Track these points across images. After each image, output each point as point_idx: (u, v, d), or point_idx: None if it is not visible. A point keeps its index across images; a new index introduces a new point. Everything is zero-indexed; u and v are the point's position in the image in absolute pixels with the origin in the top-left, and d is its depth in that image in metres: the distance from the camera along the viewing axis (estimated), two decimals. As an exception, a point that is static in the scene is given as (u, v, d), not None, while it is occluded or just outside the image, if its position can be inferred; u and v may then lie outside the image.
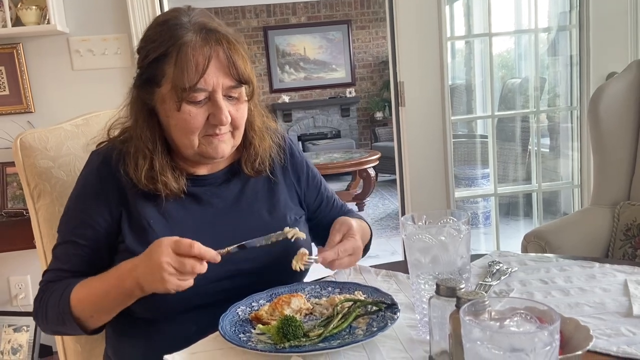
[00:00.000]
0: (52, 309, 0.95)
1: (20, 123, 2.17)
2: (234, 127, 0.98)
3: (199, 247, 0.82)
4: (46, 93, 2.25)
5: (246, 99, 0.98)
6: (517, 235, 3.52)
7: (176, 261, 0.81)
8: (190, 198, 1.01)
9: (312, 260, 0.93)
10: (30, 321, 2.16)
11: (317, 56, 7.36)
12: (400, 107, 2.35)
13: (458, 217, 0.79)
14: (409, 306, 0.88)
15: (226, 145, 0.98)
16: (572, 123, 2.53)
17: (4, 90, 2.22)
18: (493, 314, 0.57)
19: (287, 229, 0.91)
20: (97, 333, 0.99)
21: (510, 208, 3.97)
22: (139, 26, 2.20)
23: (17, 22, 2.13)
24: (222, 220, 1.01)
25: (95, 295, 0.91)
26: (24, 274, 2.34)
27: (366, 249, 1.13)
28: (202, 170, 1.04)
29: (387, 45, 2.37)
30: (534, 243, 1.54)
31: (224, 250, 0.85)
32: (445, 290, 0.66)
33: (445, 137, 2.30)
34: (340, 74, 7.43)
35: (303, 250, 0.94)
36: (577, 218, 1.75)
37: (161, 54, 0.92)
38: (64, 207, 1.04)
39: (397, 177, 2.48)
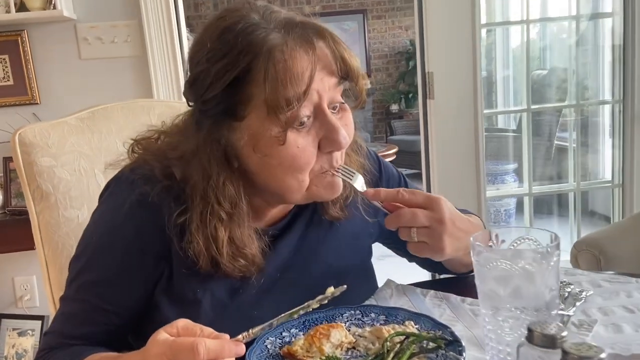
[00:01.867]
0: None
1: (25, 115, 2.05)
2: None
3: (205, 352, 0.53)
4: (52, 83, 2.12)
5: (353, 105, 0.74)
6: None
7: None
8: None
9: (350, 172, 0.73)
10: (35, 325, 2.05)
11: (332, 47, 7.18)
12: (428, 100, 2.20)
13: (540, 237, 0.64)
14: (471, 341, 0.73)
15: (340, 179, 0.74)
16: (611, 118, 2.36)
17: (8, 80, 2.09)
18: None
19: (330, 289, 0.67)
20: None
21: (536, 206, 3.81)
22: (150, 12, 2.07)
23: (21, 7, 2.00)
24: (284, 277, 0.80)
25: None
26: (30, 274, 2.23)
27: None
28: (268, 217, 0.81)
29: (415, 33, 2.21)
30: (586, 252, 1.39)
31: (246, 334, 0.61)
32: (541, 338, 0.51)
33: (477, 131, 2.15)
34: (355, 65, 7.26)
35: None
36: (630, 224, 1.59)
37: (242, 72, 0.66)
38: (78, 248, 0.79)
39: (423, 173, 2.34)
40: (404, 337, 0.71)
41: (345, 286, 0.64)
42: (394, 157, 5.05)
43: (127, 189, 0.73)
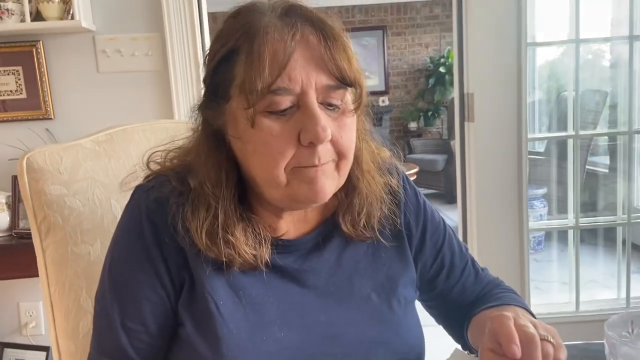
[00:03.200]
0: None
1: (37, 131, 1.93)
2: (339, 153, 0.66)
3: None
4: (68, 98, 2.00)
5: (352, 108, 0.67)
6: (590, 267, 3.12)
7: None
8: (273, 270, 0.71)
9: None
10: (40, 356, 1.91)
11: (350, 63, 7.07)
12: (466, 122, 2.05)
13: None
14: None
15: (329, 181, 0.66)
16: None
17: (21, 93, 1.97)
18: None
19: None
20: None
21: (566, 235, 3.61)
22: (173, 25, 1.94)
23: (37, 16, 1.89)
24: (313, 303, 0.72)
25: None
26: (36, 300, 2.09)
27: None
28: (288, 231, 0.74)
29: (454, 51, 2.07)
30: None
31: None
32: None
33: (521, 158, 1.99)
34: (374, 82, 7.14)
35: None
36: None
37: (229, 51, 0.64)
38: (103, 267, 0.75)
39: (459, 200, 2.18)
40: None
41: None
42: (415, 177, 4.91)
43: (143, 198, 0.72)
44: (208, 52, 0.70)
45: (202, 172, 0.69)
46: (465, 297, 0.84)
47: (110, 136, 1.07)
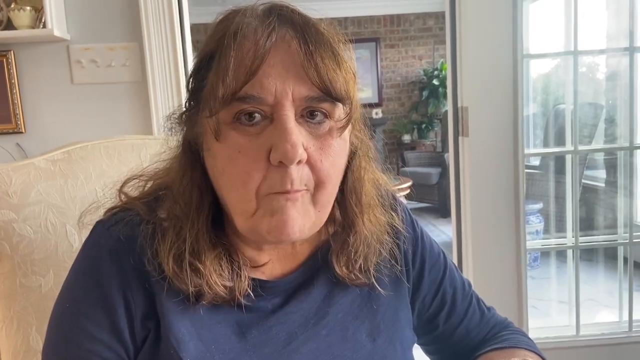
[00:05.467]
0: None
1: (7, 146, 1.83)
2: (317, 181, 0.57)
3: None
4: (40, 110, 1.91)
5: (340, 125, 0.57)
6: (587, 284, 3.02)
7: None
8: (252, 316, 0.62)
9: None
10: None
11: (343, 75, 7.02)
12: (460, 137, 1.96)
13: None
14: None
15: (300, 217, 0.56)
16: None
17: (-10, 106, 1.88)
18: None
19: None
20: None
21: (563, 250, 3.51)
22: (152, 34, 1.85)
23: (8, 25, 1.80)
24: (299, 349, 0.62)
25: None
26: None
27: None
28: (272, 266, 0.65)
29: (448, 64, 1.99)
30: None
31: None
32: None
33: (517, 174, 1.90)
34: (367, 94, 7.09)
35: None
36: None
37: (207, 56, 0.57)
38: (52, 316, 0.64)
39: (453, 217, 2.09)
40: None
41: None
42: (408, 190, 4.82)
43: (105, 234, 0.62)
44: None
45: (176, 191, 0.61)
46: (469, 340, 0.75)
47: (67, 154, 0.97)
